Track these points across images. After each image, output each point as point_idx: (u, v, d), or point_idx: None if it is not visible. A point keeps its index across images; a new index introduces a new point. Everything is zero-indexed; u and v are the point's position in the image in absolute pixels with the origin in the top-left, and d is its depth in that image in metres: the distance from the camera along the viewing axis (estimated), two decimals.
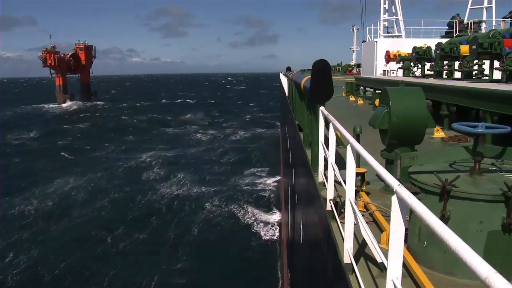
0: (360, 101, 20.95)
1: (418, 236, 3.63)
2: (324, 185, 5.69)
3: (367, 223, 3.49)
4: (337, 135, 5.41)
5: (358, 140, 5.80)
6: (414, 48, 19.51)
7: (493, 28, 22.16)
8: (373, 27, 32.47)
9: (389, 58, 23.82)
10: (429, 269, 3.49)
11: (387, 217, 4.52)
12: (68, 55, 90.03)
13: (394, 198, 2.25)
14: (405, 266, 3.45)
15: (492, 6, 29.92)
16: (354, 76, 34.36)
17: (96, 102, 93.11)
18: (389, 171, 2.57)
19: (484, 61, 13.97)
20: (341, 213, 4.61)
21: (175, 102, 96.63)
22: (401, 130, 5.40)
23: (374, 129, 5.70)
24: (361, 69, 37.70)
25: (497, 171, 3.86)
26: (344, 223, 3.77)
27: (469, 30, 26.86)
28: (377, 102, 14.37)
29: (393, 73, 25.66)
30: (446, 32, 28.81)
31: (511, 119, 7.77)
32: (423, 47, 19.12)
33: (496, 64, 12.90)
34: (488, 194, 3.31)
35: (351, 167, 3.70)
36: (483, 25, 28.91)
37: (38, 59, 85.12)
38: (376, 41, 28.80)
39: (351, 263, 3.48)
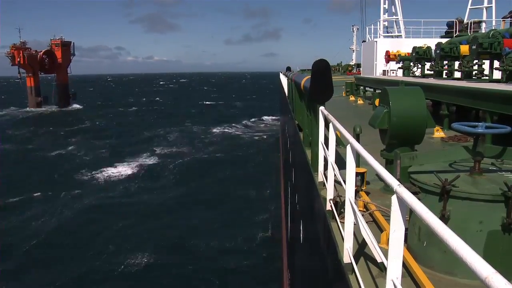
0: (360, 101, 20.96)
1: (418, 236, 3.63)
2: (324, 185, 5.69)
3: (367, 223, 3.49)
4: (337, 135, 5.41)
5: (358, 140, 5.81)
6: (414, 48, 19.51)
7: (493, 28, 22.15)
8: (373, 27, 32.50)
9: (389, 58, 23.82)
10: (429, 269, 3.49)
11: (387, 217, 4.52)
12: (41, 52, 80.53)
13: (394, 198, 2.25)
14: (405, 266, 3.45)
15: (492, 6, 29.91)
16: (354, 76, 34.37)
17: (75, 106, 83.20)
18: (389, 171, 2.57)
19: (484, 61, 13.97)
20: (341, 213, 4.61)
21: (168, 103, 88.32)
22: (401, 130, 5.40)
23: (374, 129, 5.70)
24: (361, 69, 37.70)
25: (497, 171, 3.86)
26: (344, 223, 3.77)
27: (469, 30, 26.86)
28: (377, 102, 14.37)
29: (393, 73, 25.65)
30: (446, 32, 28.80)
31: (511, 119, 7.77)
32: (423, 47, 19.13)
33: (496, 64, 12.89)
34: (488, 194, 3.31)
35: (351, 167, 3.70)
36: (483, 25, 28.90)
37: (5, 56, 75.76)
38: (376, 41, 28.79)
39: (351, 263, 3.48)
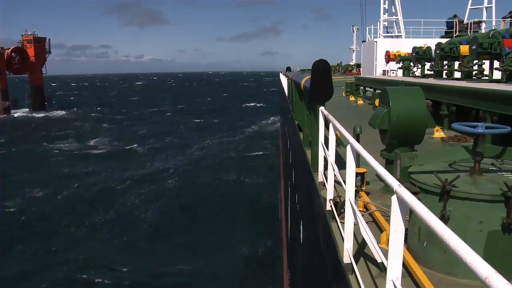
0: (360, 101, 20.96)
1: (418, 236, 3.63)
2: (324, 185, 5.69)
3: (367, 223, 3.49)
4: (337, 135, 5.41)
5: (358, 140, 5.80)
6: (414, 48, 19.53)
7: (493, 28, 22.16)
8: (373, 27, 32.54)
9: (389, 58, 23.85)
10: (429, 269, 3.49)
11: (387, 217, 4.52)
12: (9, 50, 70.39)
13: (394, 198, 2.25)
14: (405, 266, 3.45)
15: (492, 6, 29.93)
16: (354, 76, 34.38)
17: (51, 111, 71.94)
18: (389, 171, 2.58)
19: (484, 61, 13.98)
20: (341, 213, 4.61)
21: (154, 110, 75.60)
22: (401, 130, 5.40)
23: (374, 129, 5.70)
24: (361, 69, 37.71)
25: (497, 171, 3.86)
26: (344, 223, 3.77)
27: (469, 30, 26.88)
28: (377, 102, 14.37)
29: (393, 73, 25.67)
30: (445, 32, 28.84)
31: (511, 119, 7.77)
32: (423, 47, 19.15)
33: (496, 64, 12.90)
34: (488, 194, 3.31)
35: (351, 167, 3.70)
36: (483, 25, 28.91)
37: None
38: (376, 41, 28.82)
39: (351, 263, 3.48)
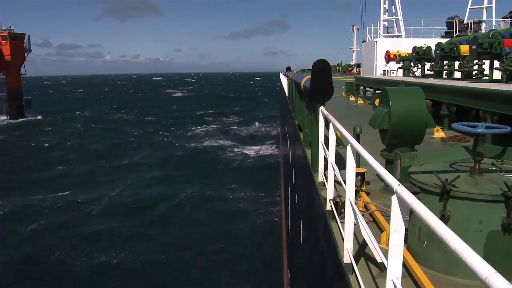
0: (360, 101, 20.96)
1: (418, 236, 3.63)
2: (324, 185, 5.69)
3: (367, 223, 3.49)
4: (337, 135, 5.41)
5: (358, 140, 5.80)
6: (414, 48, 19.52)
7: (493, 28, 22.16)
8: (373, 27, 32.51)
9: (389, 58, 23.83)
10: (429, 269, 3.49)
11: (387, 217, 4.52)
12: None
13: (394, 198, 2.25)
14: (405, 266, 3.45)
15: (492, 6, 29.90)
16: (354, 76, 34.36)
17: (29, 117, 64.08)
18: (389, 171, 2.57)
19: (484, 61, 13.98)
20: (341, 213, 4.61)
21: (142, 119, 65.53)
22: (401, 130, 5.40)
23: (374, 129, 5.70)
24: (361, 69, 37.70)
25: (497, 171, 3.86)
26: (344, 223, 3.77)
27: (469, 30, 26.86)
28: (377, 102, 14.36)
29: (393, 73, 25.66)
30: (446, 32, 28.82)
31: (511, 119, 7.77)
32: (423, 47, 19.14)
33: (496, 64, 12.90)
34: (488, 194, 3.31)
35: (351, 167, 3.70)
36: (483, 25, 28.90)
37: None
38: (376, 41, 28.79)
39: (351, 263, 3.48)
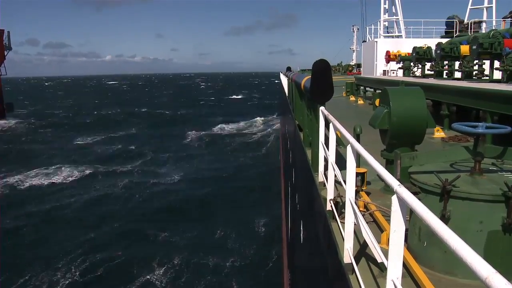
0: (360, 101, 20.96)
1: (418, 236, 3.63)
2: (324, 185, 5.70)
3: (367, 223, 3.49)
4: (337, 135, 5.41)
5: (358, 140, 5.81)
6: (414, 48, 19.52)
7: (493, 28, 22.17)
8: (373, 27, 32.53)
9: (389, 58, 23.85)
10: (429, 269, 3.49)
11: (387, 217, 4.52)
12: None
13: (394, 198, 2.25)
14: (405, 266, 3.45)
15: (492, 6, 29.91)
16: (354, 76, 34.38)
17: (9, 120, 59.13)
18: (389, 171, 2.57)
19: (484, 61, 13.97)
20: (341, 213, 4.61)
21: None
22: (401, 130, 5.40)
23: (374, 129, 5.70)
24: (361, 69, 37.72)
25: (497, 171, 3.86)
26: (344, 223, 3.77)
27: (469, 30, 26.87)
28: (377, 102, 14.38)
29: (393, 73, 25.67)
30: (446, 32, 28.82)
31: (511, 119, 7.77)
32: (423, 47, 19.13)
33: (497, 64, 12.90)
34: (488, 194, 3.31)
35: (351, 167, 3.70)
36: (483, 25, 28.91)
37: None
38: (376, 41, 28.81)
39: (351, 263, 3.48)
